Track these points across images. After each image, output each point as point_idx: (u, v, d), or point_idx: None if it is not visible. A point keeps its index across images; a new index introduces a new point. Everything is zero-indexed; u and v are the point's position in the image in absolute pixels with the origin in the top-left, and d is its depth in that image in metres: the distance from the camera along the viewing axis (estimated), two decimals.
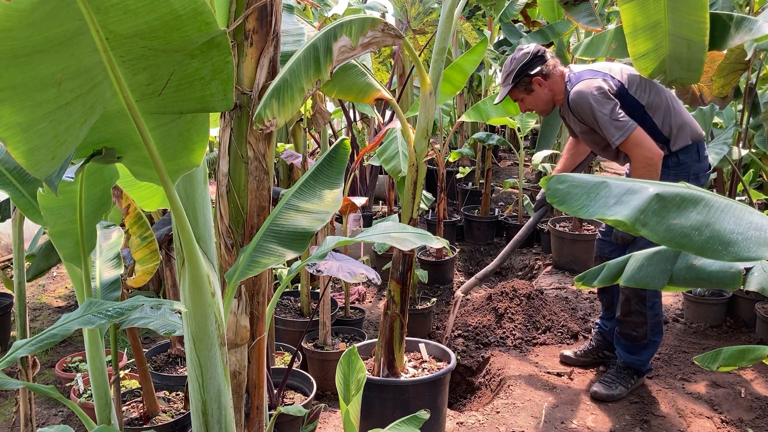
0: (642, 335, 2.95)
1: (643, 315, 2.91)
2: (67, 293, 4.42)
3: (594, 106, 2.63)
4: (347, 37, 1.83)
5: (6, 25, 0.81)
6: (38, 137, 0.94)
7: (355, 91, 2.36)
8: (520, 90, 2.86)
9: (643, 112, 2.69)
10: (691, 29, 2.65)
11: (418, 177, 2.49)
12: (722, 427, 2.78)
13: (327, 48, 1.75)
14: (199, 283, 1.29)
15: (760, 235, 1.10)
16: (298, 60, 1.64)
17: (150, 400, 2.46)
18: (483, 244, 5.39)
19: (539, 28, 5.89)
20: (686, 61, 2.76)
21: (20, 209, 1.56)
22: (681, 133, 2.70)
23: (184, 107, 1.07)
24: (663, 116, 2.70)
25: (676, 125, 2.70)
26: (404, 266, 2.57)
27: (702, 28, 2.64)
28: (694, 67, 2.79)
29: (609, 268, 1.91)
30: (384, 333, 2.61)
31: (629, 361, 3.02)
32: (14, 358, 1.19)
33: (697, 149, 2.75)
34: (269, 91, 1.48)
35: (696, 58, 2.75)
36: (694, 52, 2.72)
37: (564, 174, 1.40)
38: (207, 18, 0.94)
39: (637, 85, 2.73)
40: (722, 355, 1.77)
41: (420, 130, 2.42)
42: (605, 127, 2.63)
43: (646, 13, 2.66)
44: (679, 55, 2.75)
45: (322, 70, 1.71)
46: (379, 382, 2.54)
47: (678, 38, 2.69)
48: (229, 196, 1.54)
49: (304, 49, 1.69)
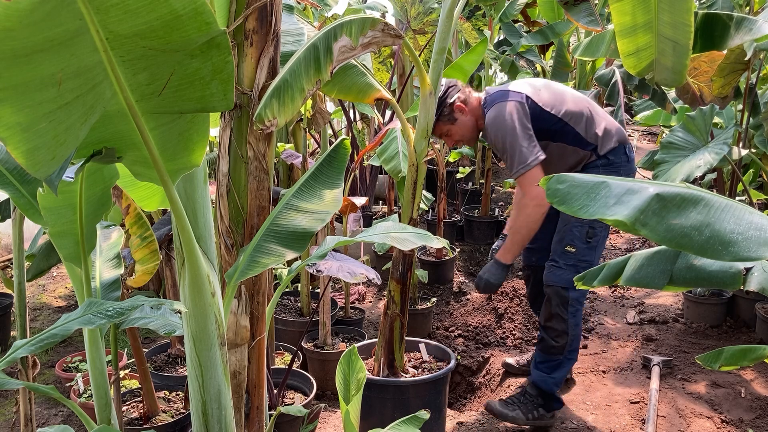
0: (560, 348, 2.76)
1: (564, 321, 2.73)
2: (67, 293, 4.42)
3: (499, 132, 2.60)
4: (347, 37, 1.83)
5: (6, 25, 0.81)
6: (38, 137, 0.94)
7: (355, 91, 2.36)
8: (444, 122, 2.76)
9: (564, 123, 2.65)
10: (677, 31, 2.65)
11: (418, 177, 2.49)
12: (722, 427, 2.78)
13: (327, 48, 1.75)
14: (199, 283, 1.29)
15: (760, 235, 1.10)
16: (299, 60, 1.64)
17: (150, 400, 2.46)
18: (483, 244, 5.39)
19: (539, 28, 5.89)
20: (671, 63, 2.77)
21: (20, 209, 1.56)
22: (606, 137, 2.68)
23: (184, 107, 1.07)
24: (585, 125, 2.66)
25: (600, 131, 2.67)
26: (404, 266, 2.57)
27: (687, 31, 2.63)
28: (677, 70, 2.79)
29: (609, 268, 1.91)
30: (384, 333, 2.61)
31: (538, 380, 2.78)
32: (14, 358, 1.19)
33: (625, 151, 2.73)
34: (269, 91, 1.48)
35: (679, 62, 2.75)
36: (678, 54, 2.73)
37: (564, 174, 1.40)
38: (207, 18, 0.94)
39: (553, 99, 2.67)
40: (724, 354, 1.77)
41: (420, 130, 2.42)
42: (510, 155, 2.58)
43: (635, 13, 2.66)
44: (665, 56, 2.75)
45: (323, 70, 1.71)
46: (379, 382, 2.54)
47: (665, 39, 2.70)
48: (229, 196, 1.54)
49: (304, 49, 1.69)
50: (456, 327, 3.95)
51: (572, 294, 2.68)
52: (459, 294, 4.45)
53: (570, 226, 2.70)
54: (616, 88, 5.04)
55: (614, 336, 3.76)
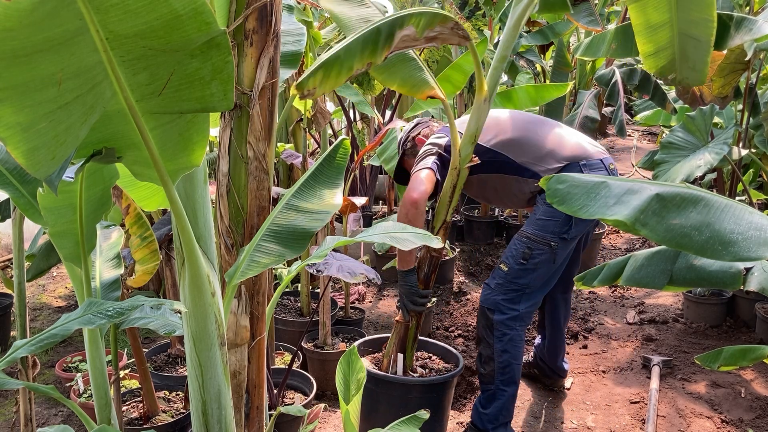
0: (489, 376, 2.57)
1: (489, 346, 2.56)
2: (67, 293, 4.42)
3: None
4: (413, 28, 1.80)
5: (6, 25, 0.81)
6: (38, 137, 0.94)
7: (410, 85, 2.33)
8: (409, 156, 2.79)
9: (495, 153, 2.55)
10: (699, 27, 2.59)
11: (458, 181, 2.40)
12: (722, 427, 2.78)
13: (389, 34, 1.73)
14: (199, 283, 1.29)
15: (760, 235, 1.10)
16: (357, 40, 1.62)
17: (150, 400, 2.46)
18: (483, 244, 5.39)
19: (539, 28, 5.89)
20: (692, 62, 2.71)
21: (20, 209, 1.56)
22: (548, 157, 2.53)
23: (184, 107, 1.07)
24: (522, 150, 2.55)
25: (543, 152, 2.54)
26: (429, 268, 2.55)
27: (709, 27, 2.57)
28: (698, 68, 2.72)
29: (609, 268, 1.91)
30: (398, 330, 2.62)
31: (474, 417, 2.63)
32: (14, 358, 1.19)
33: (580, 170, 2.51)
34: (319, 62, 1.48)
35: (700, 59, 2.69)
36: (699, 52, 2.67)
37: (564, 174, 1.40)
38: (207, 18, 0.94)
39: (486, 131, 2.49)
40: (723, 354, 1.77)
41: (468, 135, 2.35)
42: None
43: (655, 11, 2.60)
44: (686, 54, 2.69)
45: (378, 53, 1.69)
46: (387, 379, 2.56)
47: (686, 37, 2.64)
48: (229, 196, 1.54)
49: (366, 31, 1.67)
50: (456, 327, 3.95)
51: (497, 317, 2.52)
52: (459, 294, 4.45)
53: (513, 242, 2.58)
54: (616, 88, 5.04)
55: (614, 336, 3.76)
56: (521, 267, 2.51)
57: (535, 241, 2.49)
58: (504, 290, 2.53)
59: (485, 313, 2.57)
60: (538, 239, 2.49)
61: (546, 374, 3.12)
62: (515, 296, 2.53)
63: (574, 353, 3.54)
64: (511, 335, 2.52)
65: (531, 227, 2.52)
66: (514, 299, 2.53)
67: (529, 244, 2.50)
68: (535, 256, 2.49)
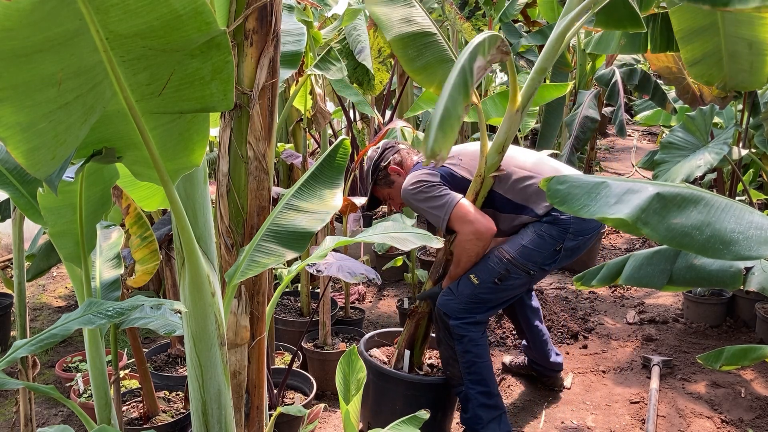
0: (456, 378, 2.50)
1: (450, 348, 2.48)
2: (67, 293, 4.42)
3: (410, 200, 2.49)
4: (482, 57, 1.81)
5: (6, 25, 0.81)
6: (38, 137, 0.94)
7: None
8: (382, 186, 2.68)
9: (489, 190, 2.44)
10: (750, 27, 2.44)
11: (482, 189, 2.38)
12: (722, 427, 2.78)
13: (470, 69, 1.74)
14: (199, 283, 1.29)
15: (761, 234, 1.10)
16: (455, 86, 1.62)
17: (150, 400, 2.46)
18: None
19: (539, 28, 5.89)
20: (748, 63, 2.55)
21: (20, 209, 1.56)
22: (541, 195, 2.41)
23: (184, 107, 1.07)
24: (510, 187, 2.44)
25: (531, 191, 2.43)
26: (445, 270, 2.56)
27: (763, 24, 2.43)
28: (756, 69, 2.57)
29: (608, 268, 1.91)
30: (409, 328, 2.64)
31: (462, 419, 2.60)
32: (14, 358, 1.19)
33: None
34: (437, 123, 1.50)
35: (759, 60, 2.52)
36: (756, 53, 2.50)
37: (564, 175, 1.40)
38: (207, 18, 0.94)
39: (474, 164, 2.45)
40: (725, 354, 1.77)
41: (497, 143, 2.32)
42: (430, 214, 2.44)
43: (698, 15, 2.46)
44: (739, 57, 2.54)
45: (470, 93, 1.70)
46: (395, 375, 2.58)
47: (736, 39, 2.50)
48: (229, 196, 1.54)
49: (457, 74, 1.67)
50: None
51: (453, 322, 2.44)
52: None
53: (492, 257, 2.45)
54: (616, 88, 5.04)
55: (614, 336, 3.76)
56: (493, 286, 2.43)
57: (516, 265, 2.41)
58: (466, 300, 2.43)
59: (441, 317, 2.48)
60: (518, 265, 2.41)
61: (544, 373, 3.12)
62: (475, 307, 2.45)
63: (574, 353, 3.54)
64: (470, 336, 2.46)
65: (515, 250, 2.42)
66: (472, 309, 2.45)
67: (508, 266, 2.41)
68: (512, 278, 2.43)
